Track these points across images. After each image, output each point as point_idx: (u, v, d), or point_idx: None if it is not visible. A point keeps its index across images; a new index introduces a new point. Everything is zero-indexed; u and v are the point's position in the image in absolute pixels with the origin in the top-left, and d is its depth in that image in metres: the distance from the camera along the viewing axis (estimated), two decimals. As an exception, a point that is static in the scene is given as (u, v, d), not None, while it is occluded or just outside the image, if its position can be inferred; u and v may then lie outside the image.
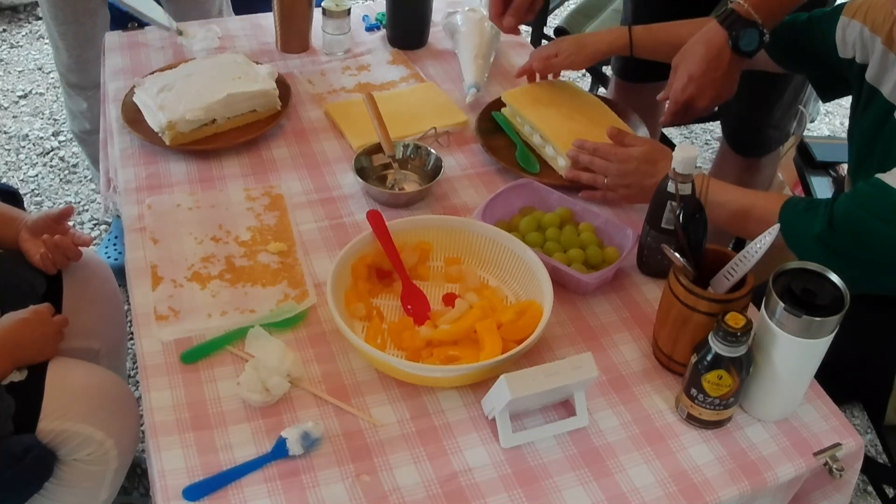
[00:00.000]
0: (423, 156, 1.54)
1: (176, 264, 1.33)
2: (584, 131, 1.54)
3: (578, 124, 1.57)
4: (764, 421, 1.14)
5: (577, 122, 1.58)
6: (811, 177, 2.01)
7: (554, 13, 2.97)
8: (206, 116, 1.55)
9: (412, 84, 1.79)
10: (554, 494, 1.05)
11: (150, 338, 1.21)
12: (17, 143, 2.84)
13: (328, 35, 1.84)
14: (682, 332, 1.14)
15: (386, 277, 1.30)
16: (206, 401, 1.13)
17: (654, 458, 1.09)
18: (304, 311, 1.26)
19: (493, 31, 1.86)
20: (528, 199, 1.43)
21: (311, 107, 1.70)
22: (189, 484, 1.03)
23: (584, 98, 1.67)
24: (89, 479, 1.34)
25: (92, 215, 2.58)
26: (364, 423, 1.12)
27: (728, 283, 1.12)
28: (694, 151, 1.20)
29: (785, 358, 1.06)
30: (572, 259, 1.32)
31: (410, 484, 1.05)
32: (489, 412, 1.11)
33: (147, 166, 1.52)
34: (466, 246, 1.33)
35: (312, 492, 1.03)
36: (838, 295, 1.04)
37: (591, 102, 1.66)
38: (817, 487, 1.16)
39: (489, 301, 1.25)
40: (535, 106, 1.61)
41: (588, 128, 1.56)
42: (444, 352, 1.18)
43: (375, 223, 1.28)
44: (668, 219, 1.25)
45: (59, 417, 1.28)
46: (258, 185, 1.49)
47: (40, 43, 3.33)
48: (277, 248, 1.36)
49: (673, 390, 1.18)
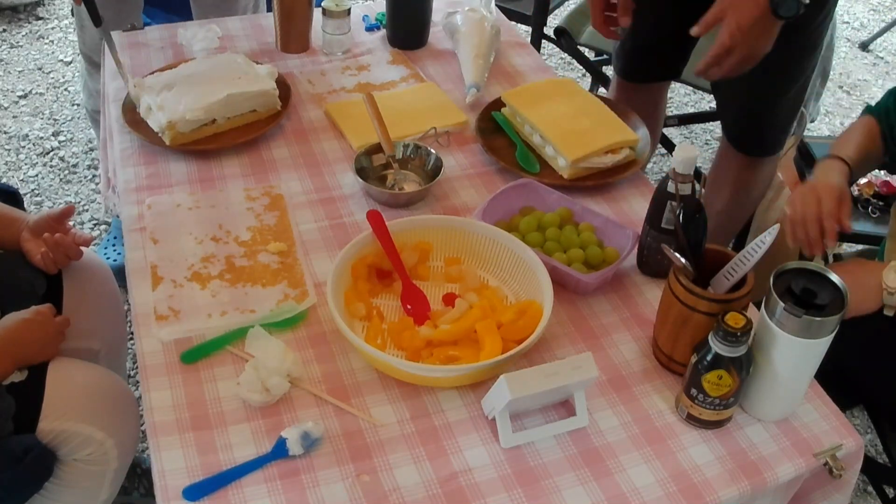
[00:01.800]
0: (423, 156, 1.54)
1: (176, 264, 1.33)
2: (584, 131, 1.54)
3: (578, 124, 1.57)
4: (764, 421, 1.14)
5: (577, 121, 1.58)
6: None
7: (554, 13, 2.97)
8: (206, 116, 1.55)
9: (412, 84, 1.79)
10: (554, 494, 1.05)
11: (150, 338, 1.21)
12: (17, 143, 2.83)
13: (328, 35, 1.84)
14: (682, 332, 1.14)
15: (386, 277, 1.30)
16: (206, 401, 1.13)
17: (654, 458, 1.09)
18: (304, 311, 1.26)
19: (493, 31, 1.86)
20: (528, 199, 1.43)
21: (311, 107, 1.70)
22: (189, 484, 1.03)
23: (584, 98, 1.67)
24: (89, 479, 1.34)
25: (92, 215, 2.58)
26: (364, 423, 1.12)
27: (728, 283, 1.12)
28: (694, 151, 1.20)
29: (785, 358, 1.06)
30: (572, 259, 1.32)
31: (410, 484, 1.05)
32: (489, 412, 1.11)
33: (147, 166, 1.52)
34: (466, 246, 1.33)
35: (312, 492, 1.03)
36: (838, 295, 1.04)
37: (591, 102, 1.66)
38: (817, 487, 1.16)
39: (489, 301, 1.24)
40: (535, 106, 1.61)
41: (588, 127, 1.56)
42: (444, 352, 1.18)
43: (375, 223, 1.28)
44: (668, 219, 1.25)
45: (59, 417, 1.28)
46: (258, 185, 1.49)
47: (40, 43, 3.33)
48: (277, 248, 1.36)
49: (673, 390, 1.18)
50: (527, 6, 2.70)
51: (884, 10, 3.97)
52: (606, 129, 1.57)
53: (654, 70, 2.04)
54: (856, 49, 3.69)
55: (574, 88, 1.70)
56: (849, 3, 3.99)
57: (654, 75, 2.06)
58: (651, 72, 2.04)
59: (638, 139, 1.57)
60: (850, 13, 3.93)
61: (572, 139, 1.51)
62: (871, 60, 3.63)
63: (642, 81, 2.04)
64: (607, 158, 1.53)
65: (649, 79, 2.04)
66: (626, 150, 1.55)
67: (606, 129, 1.57)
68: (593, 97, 1.69)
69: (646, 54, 1.97)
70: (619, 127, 1.58)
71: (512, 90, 1.69)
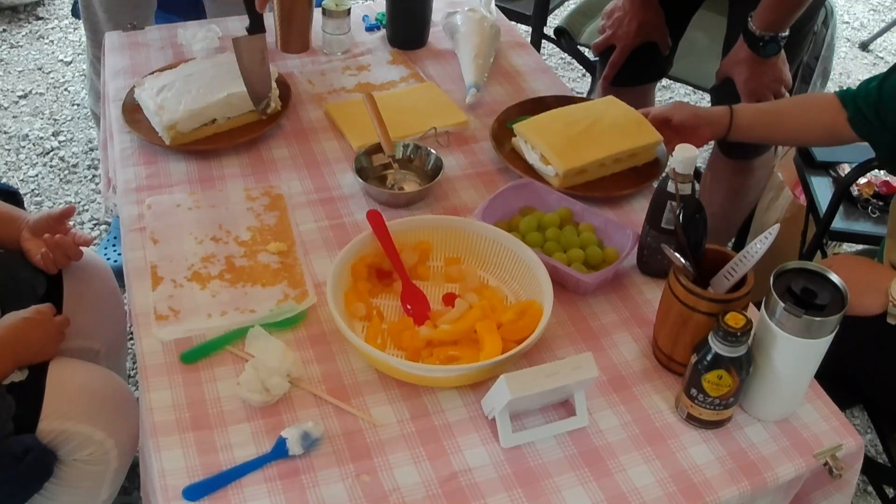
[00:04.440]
0: (423, 156, 1.54)
1: (176, 264, 1.33)
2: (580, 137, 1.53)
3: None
4: (764, 421, 1.14)
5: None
6: (811, 177, 2.01)
7: (554, 13, 2.97)
8: (206, 116, 1.55)
9: (412, 84, 1.79)
10: (554, 494, 1.05)
11: (150, 338, 1.21)
12: (17, 143, 2.83)
13: (328, 35, 1.84)
14: (682, 332, 1.14)
15: (386, 277, 1.30)
16: (206, 401, 1.13)
17: (654, 458, 1.09)
18: (304, 311, 1.26)
19: (493, 31, 1.86)
20: (528, 199, 1.43)
21: (311, 107, 1.70)
22: (189, 484, 1.03)
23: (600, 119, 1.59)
24: (89, 479, 1.34)
25: (92, 215, 2.58)
26: (364, 423, 1.12)
27: (728, 283, 1.12)
28: (694, 152, 1.20)
29: (785, 358, 1.06)
30: (572, 259, 1.32)
31: (410, 484, 1.05)
32: (489, 412, 1.11)
33: (147, 166, 1.52)
34: (466, 246, 1.33)
35: (312, 492, 1.03)
36: (838, 295, 1.04)
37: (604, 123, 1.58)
38: (818, 488, 1.16)
39: (489, 301, 1.24)
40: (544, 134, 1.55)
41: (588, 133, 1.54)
42: (444, 352, 1.18)
43: (375, 223, 1.28)
44: (668, 219, 1.25)
45: (59, 417, 1.28)
46: (258, 185, 1.49)
47: (40, 43, 3.33)
48: (277, 248, 1.36)
49: (673, 390, 1.18)
50: (527, 6, 2.70)
51: (884, 10, 3.98)
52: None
53: (641, 74, 2.06)
54: (856, 49, 3.69)
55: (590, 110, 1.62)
56: (849, 3, 3.99)
57: (639, 79, 2.07)
58: (638, 76, 2.05)
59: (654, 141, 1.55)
60: (850, 13, 3.93)
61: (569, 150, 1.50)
62: (871, 60, 3.63)
63: (628, 85, 2.05)
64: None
65: (634, 82, 2.06)
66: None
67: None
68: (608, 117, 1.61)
69: (629, 59, 2.00)
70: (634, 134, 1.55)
71: (523, 122, 1.59)
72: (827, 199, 1.91)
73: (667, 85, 3.30)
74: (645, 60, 2.02)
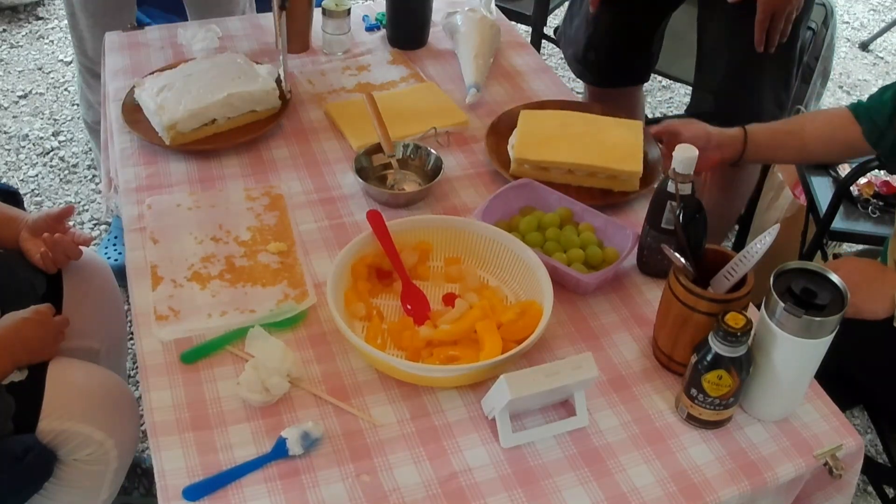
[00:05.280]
0: (423, 156, 1.54)
1: (176, 264, 1.33)
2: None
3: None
4: (764, 421, 1.14)
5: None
6: (811, 177, 2.01)
7: (554, 13, 2.97)
8: (206, 116, 1.55)
9: (412, 84, 1.79)
10: (554, 494, 1.05)
11: (150, 338, 1.21)
12: (17, 143, 2.83)
13: (328, 35, 1.85)
14: (682, 332, 1.14)
15: (386, 277, 1.30)
16: (206, 401, 1.13)
17: (654, 458, 1.09)
18: (304, 311, 1.26)
19: (493, 31, 1.86)
20: (528, 199, 1.43)
21: (311, 107, 1.70)
22: (189, 484, 1.03)
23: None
24: (89, 479, 1.34)
25: (92, 215, 2.58)
26: (364, 423, 1.12)
27: (728, 283, 1.12)
28: (694, 152, 1.20)
29: (785, 358, 1.06)
30: (572, 259, 1.32)
31: (410, 484, 1.05)
32: (489, 412, 1.11)
33: (147, 166, 1.52)
34: (466, 246, 1.33)
35: (312, 492, 1.03)
36: (838, 295, 1.04)
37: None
38: (818, 489, 1.15)
39: (489, 301, 1.24)
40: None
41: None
42: (444, 352, 1.18)
43: (375, 223, 1.28)
44: (668, 219, 1.25)
45: (59, 417, 1.28)
46: (258, 185, 1.49)
47: (40, 43, 3.33)
48: (277, 248, 1.36)
49: (673, 390, 1.18)
50: (527, 6, 2.71)
51: (884, 10, 3.97)
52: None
53: (624, 74, 2.06)
54: (856, 49, 3.69)
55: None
56: (849, 3, 3.99)
57: (622, 80, 2.07)
58: (621, 76, 2.06)
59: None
60: (850, 13, 3.93)
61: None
62: (871, 60, 3.63)
63: (612, 86, 2.05)
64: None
65: (618, 83, 2.06)
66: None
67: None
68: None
69: (609, 59, 2.01)
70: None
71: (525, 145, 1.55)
72: (827, 198, 1.91)
73: (667, 85, 3.30)
74: (627, 61, 2.03)
